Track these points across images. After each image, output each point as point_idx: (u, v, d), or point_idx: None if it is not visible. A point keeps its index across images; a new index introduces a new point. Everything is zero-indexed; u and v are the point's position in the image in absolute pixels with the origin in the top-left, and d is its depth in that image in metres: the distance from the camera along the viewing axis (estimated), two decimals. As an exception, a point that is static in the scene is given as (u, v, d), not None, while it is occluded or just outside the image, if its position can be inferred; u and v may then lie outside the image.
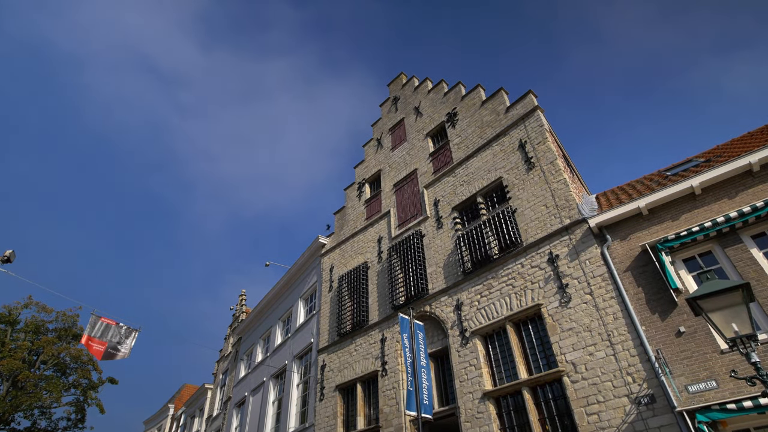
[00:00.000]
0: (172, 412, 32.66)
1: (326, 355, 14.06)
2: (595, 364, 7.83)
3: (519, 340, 9.36)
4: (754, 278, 6.98)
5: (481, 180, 12.03)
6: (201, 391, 27.27)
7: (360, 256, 14.96)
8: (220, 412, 22.55)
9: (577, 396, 7.81)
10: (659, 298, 7.70)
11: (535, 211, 10.22)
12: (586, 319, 8.30)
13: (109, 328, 13.39)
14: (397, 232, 13.90)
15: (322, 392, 13.42)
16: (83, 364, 31.83)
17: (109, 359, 13.05)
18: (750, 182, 7.82)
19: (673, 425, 6.67)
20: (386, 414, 10.96)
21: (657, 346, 7.32)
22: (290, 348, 16.96)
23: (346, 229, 16.54)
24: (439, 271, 11.76)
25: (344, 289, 14.58)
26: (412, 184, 14.55)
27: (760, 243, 7.43)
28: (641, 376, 7.26)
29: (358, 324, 13.28)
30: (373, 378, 12.14)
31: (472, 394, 9.38)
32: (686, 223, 8.03)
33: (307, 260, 18.02)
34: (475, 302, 10.37)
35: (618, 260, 8.48)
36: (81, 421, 32.04)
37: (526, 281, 9.57)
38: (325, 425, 12.68)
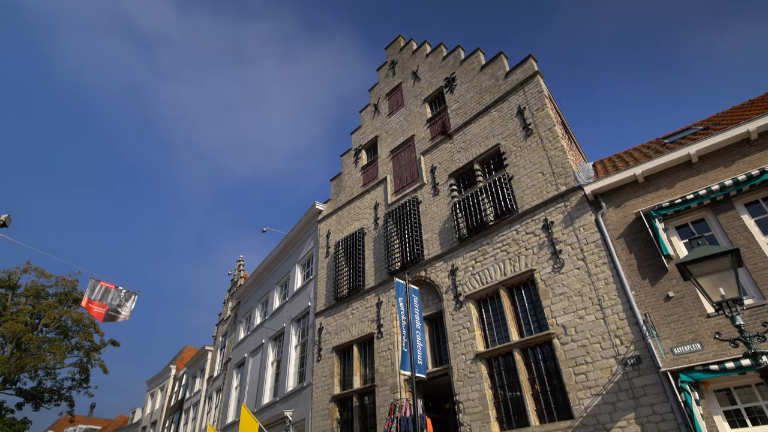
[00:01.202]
0: (174, 373, 33.59)
1: (323, 318, 14.37)
2: (584, 327, 8.06)
3: (512, 304, 9.57)
4: (744, 245, 7.09)
5: (478, 147, 11.95)
6: (201, 353, 27.97)
7: (356, 222, 15.03)
8: (221, 373, 23.23)
9: (566, 357, 8.08)
10: (650, 264, 7.84)
11: (531, 179, 10.22)
12: (577, 284, 8.47)
13: (108, 292, 13.57)
14: (393, 199, 13.91)
15: (319, 353, 13.80)
16: (85, 327, 32.44)
17: (110, 321, 13.29)
18: (747, 150, 7.81)
19: (657, 385, 6.94)
20: (381, 374, 11.33)
21: (645, 310, 7.51)
22: (288, 311, 17.30)
23: (342, 196, 16.53)
24: (434, 237, 11.86)
25: (341, 255, 14.73)
26: (409, 151, 14.44)
27: (753, 211, 7.50)
28: (629, 339, 7.49)
29: (355, 288, 13.51)
30: (369, 340, 12.47)
31: (464, 355, 9.68)
32: (681, 191, 8.07)
33: (304, 226, 18.10)
34: (469, 267, 10.53)
35: (612, 227, 8.57)
36: (85, 381, 32.99)
37: (521, 247, 9.69)
38: (323, 384, 13.12)
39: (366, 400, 11.71)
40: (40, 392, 31.07)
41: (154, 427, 32.56)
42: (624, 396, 7.19)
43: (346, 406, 12.25)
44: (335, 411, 12.32)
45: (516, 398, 8.66)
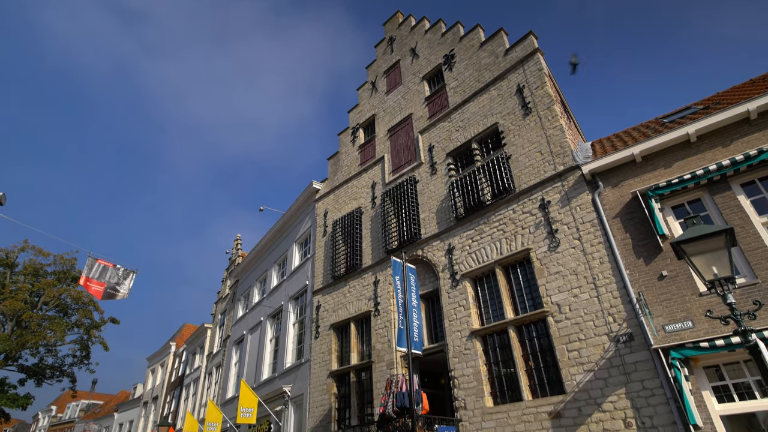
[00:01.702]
0: (174, 350, 34.04)
1: (321, 297, 14.50)
2: (578, 305, 8.17)
3: (507, 283, 9.67)
4: (738, 225, 7.14)
5: (476, 125, 11.86)
6: (200, 331, 28.30)
7: (354, 201, 15.01)
8: (220, 349, 23.56)
9: (560, 334, 8.22)
10: (645, 243, 7.90)
11: (529, 158, 10.19)
12: (573, 263, 8.55)
13: (106, 270, 13.60)
14: (391, 178, 13.87)
15: (317, 331, 13.99)
16: (84, 305, 32.68)
17: (108, 299, 13.36)
18: (746, 130, 7.77)
19: (648, 361, 7.09)
20: (378, 350, 11.52)
21: (639, 289, 7.61)
22: (286, 290, 17.44)
23: (339, 175, 16.47)
24: (432, 216, 11.88)
25: (338, 234, 14.77)
26: (407, 129, 14.32)
27: (749, 191, 7.52)
28: (622, 317, 7.61)
29: (352, 267, 13.60)
30: (366, 318, 12.63)
31: (460, 332, 9.83)
32: (679, 171, 8.07)
33: (301, 205, 18.09)
34: (466, 247, 10.59)
35: (608, 207, 8.60)
36: (86, 358, 33.43)
37: (517, 227, 9.73)
38: (320, 360, 13.34)
39: (363, 376, 11.94)
40: (42, 369, 31.50)
41: (156, 402, 33.19)
42: (615, 372, 7.35)
43: (343, 382, 12.49)
44: (333, 386, 12.57)
45: (510, 374, 8.84)
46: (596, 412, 7.32)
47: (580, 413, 7.49)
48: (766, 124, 7.59)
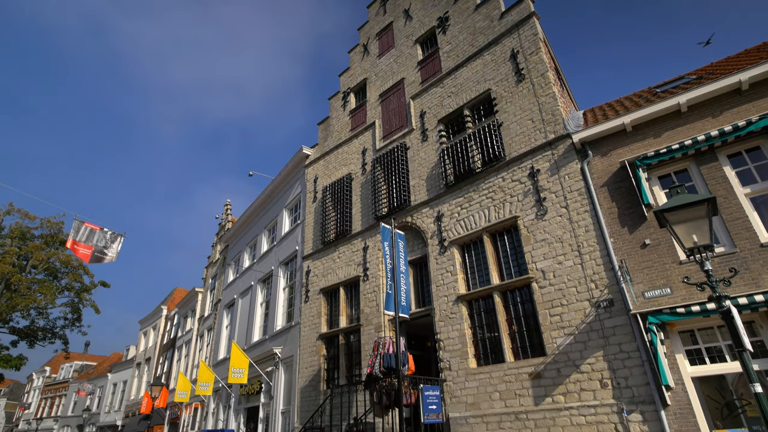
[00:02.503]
0: (165, 313, 34.39)
1: (311, 262, 14.62)
2: (562, 271, 8.35)
3: (494, 250, 9.82)
4: (722, 195, 7.25)
5: (469, 92, 11.69)
6: (192, 295, 28.54)
7: (344, 167, 14.91)
8: (211, 313, 23.86)
9: (543, 300, 8.44)
10: (631, 212, 8.01)
11: (520, 125, 10.13)
12: (559, 231, 8.67)
13: (93, 233, 13.51)
14: (381, 144, 13.75)
15: (307, 295, 14.19)
16: (74, 268, 32.62)
17: (96, 263, 13.33)
18: (737, 101, 7.76)
19: (626, 326, 7.34)
20: (367, 314, 11.76)
21: (622, 257, 7.78)
22: (276, 255, 17.54)
23: (330, 140, 16.27)
24: (421, 183, 11.88)
25: (328, 200, 14.75)
26: (399, 95, 14.08)
27: (735, 162, 7.60)
28: (604, 283, 7.81)
29: (342, 233, 13.67)
30: (355, 282, 12.81)
31: (447, 297, 10.04)
32: (667, 141, 8.09)
33: (291, 171, 17.93)
34: (455, 214, 10.66)
35: (596, 176, 8.65)
36: (78, 321, 33.69)
37: (506, 194, 9.79)
38: (310, 323, 13.60)
39: (352, 339, 12.23)
40: (34, 331, 31.75)
41: (148, 364, 33.81)
42: (595, 336, 7.62)
43: (332, 344, 12.80)
44: (322, 348, 12.87)
45: (493, 337, 9.12)
46: (574, 373, 7.63)
47: (559, 374, 7.80)
48: (756, 95, 7.58)
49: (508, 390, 8.37)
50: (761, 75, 7.45)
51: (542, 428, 7.68)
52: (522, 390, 8.17)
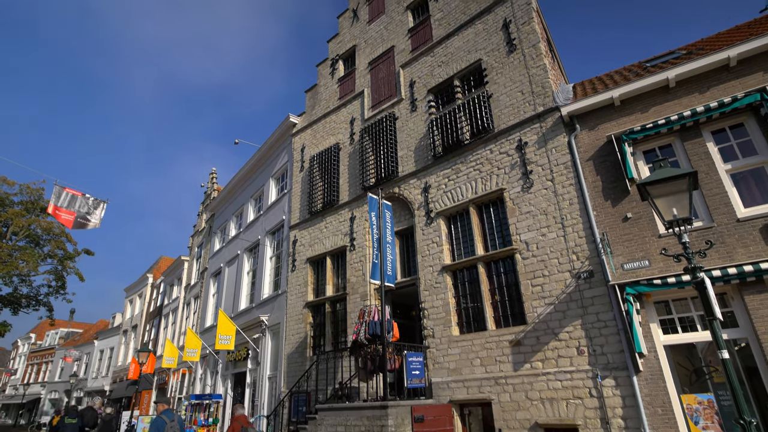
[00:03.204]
0: (151, 281, 34.33)
1: (297, 231, 14.63)
2: (545, 243, 8.52)
3: (480, 221, 9.93)
4: (703, 171, 7.38)
5: (459, 61, 11.51)
6: (177, 263, 28.46)
7: (332, 137, 14.73)
8: (198, 281, 23.89)
9: (526, 270, 8.63)
10: (614, 186, 8.13)
11: (510, 97, 10.06)
12: (544, 203, 8.79)
13: (75, 199, 13.26)
14: (370, 114, 13.57)
15: (293, 264, 14.26)
16: (56, 236, 32.10)
17: (79, 229, 13.16)
18: (724, 77, 7.80)
19: (604, 296, 7.57)
20: (353, 283, 11.90)
21: (604, 230, 7.94)
22: (263, 224, 17.48)
23: (318, 109, 15.99)
24: (410, 154, 11.83)
25: (315, 170, 14.64)
26: (388, 63, 13.81)
27: (718, 139, 7.70)
28: (585, 255, 7.99)
29: (329, 203, 13.64)
30: (342, 252, 12.90)
31: (432, 267, 10.19)
32: (654, 116, 8.15)
33: (278, 139, 17.66)
34: (442, 185, 10.69)
35: (583, 149, 8.71)
36: (62, 288, 33.40)
37: (493, 167, 9.82)
38: (297, 292, 13.73)
39: (338, 307, 12.41)
40: (17, 298, 31.43)
41: (135, 331, 33.96)
42: (574, 305, 7.85)
43: (318, 312, 12.98)
44: (308, 316, 13.06)
45: (476, 306, 9.34)
46: (553, 341, 7.90)
47: (538, 341, 8.07)
48: (744, 71, 7.62)
49: (488, 357, 8.65)
50: (750, 51, 7.47)
51: (520, 392, 8.01)
52: (502, 357, 8.45)
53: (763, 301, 6.41)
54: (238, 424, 7.55)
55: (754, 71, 7.50)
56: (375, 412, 8.11)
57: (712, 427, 6.45)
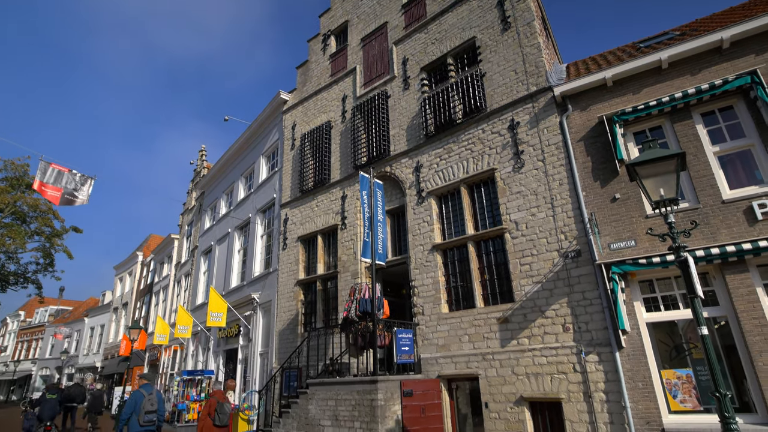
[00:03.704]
0: (141, 259, 34.19)
1: (289, 210, 14.60)
2: (535, 223, 8.62)
3: (471, 201, 9.99)
4: (692, 153, 7.46)
5: (453, 39, 11.36)
6: (167, 241, 28.32)
7: (323, 114, 14.57)
8: (188, 259, 23.84)
9: (515, 249, 8.75)
10: (604, 167, 8.20)
11: (503, 76, 10.00)
12: (534, 183, 8.85)
13: (62, 175, 13.04)
14: (362, 92, 13.41)
15: (284, 242, 14.28)
16: (43, 213, 31.64)
17: (66, 205, 12.98)
18: (716, 59, 7.80)
19: (591, 275, 7.73)
20: (344, 261, 11.98)
21: (592, 210, 8.04)
22: (253, 202, 17.40)
23: (309, 86, 15.75)
24: (402, 133, 11.77)
25: (306, 148, 14.52)
26: (381, 40, 13.58)
27: (707, 121, 7.76)
28: (573, 235, 8.11)
29: (320, 182, 13.59)
30: (333, 231, 12.93)
31: (422, 246, 10.28)
32: (646, 97, 8.16)
33: (268, 117, 17.42)
34: (434, 165, 10.69)
35: (574, 130, 8.73)
36: (50, 266, 33.12)
37: (485, 146, 9.83)
38: (288, 270, 13.79)
39: (329, 285, 12.51)
40: (5, 275, 31.13)
41: (126, 308, 33.97)
42: (561, 284, 8.01)
43: (310, 290, 13.08)
44: (300, 294, 13.15)
45: (466, 284, 9.48)
46: (539, 318, 8.08)
47: (525, 319, 8.25)
48: (736, 54, 7.63)
49: (477, 333, 8.83)
50: (742, 33, 7.47)
51: (506, 367, 8.22)
52: (490, 333, 8.64)
53: (744, 281, 6.59)
54: (214, 400, 7.74)
55: (746, 53, 7.52)
56: (365, 386, 8.29)
57: (689, 400, 6.71)
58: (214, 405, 7.56)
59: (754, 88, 7.08)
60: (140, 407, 6.83)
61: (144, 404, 6.87)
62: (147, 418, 6.79)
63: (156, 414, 6.92)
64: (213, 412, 7.42)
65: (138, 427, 6.73)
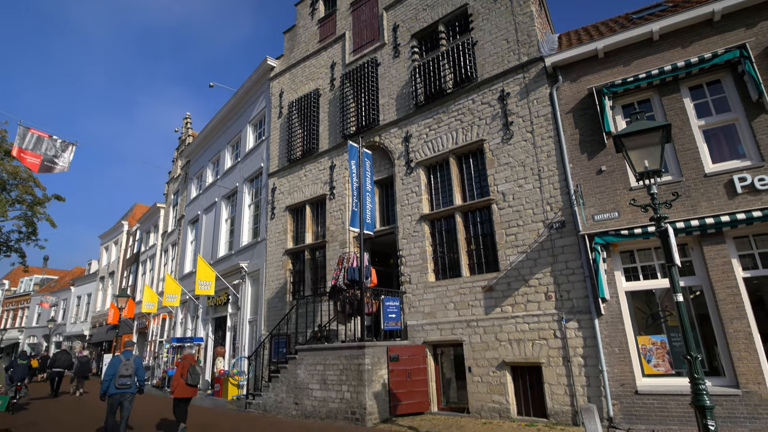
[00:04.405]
0: (127, 228, 33.82)
1: (276, 179, 14.49)
2: (522, 194, 8.72)
3: (459, 172, 10.03)
4: (678, 126, 7.54)
5: (445, 5, 11.10)
6: (153, 210, 27.98)
7: (311, 82, 14.28)
8: (175, 228, 23.67)
9: (501, 220, 8.87)
10: (592, 140, 8.26)
11: (495, 45, 9.86)
12: (522, 155, 8.89)
13: (41, 141, 12.69)
14: (351, 59, 13.13)
15: (272, 212, 14.24)
16: (23, 180, 30.82)
17: (47, 172, 12.68)
18: (707, 32, 7.78)
19: (574, 245, 7.91)
20: (332, 231, 12.03)
21: (578, 182, 8.14)
22: (240, 171, 17.20)
23: (296, 52, 15.34)
24: (391, 102, 11.63)
25: (294, 116, 14.28)
26: (371, 4, 13.20)
27: (695, 95, 7.81)
28: (558, 206, 8.24)
29: (308, 151, 13.45)
30: (322, 201, 12.91)
31: (410, 216, 10.35)
32: (636, 69, 8.16)
33: (255, 84, 17.01)
34: (423, 135, 10.64)
35: (564, 102, 8.73)
36: (33, 234, 32.56)
37: (475, 117, 9.79)
38: (276, 239, 13.82)
39: (317, 254, 12.60)
40: (-14, 243, 30.58)
41: (112, 277, 33.83)
42: (545, 254, 8.19)
43: (298, 259, 13.16)
44: (288, 263, 13.24)
45: (452, 254, 9.64)
46: (523, 287, 8.30)
47: (509, 287, 8.46)
48: (726, 27, 7.62)
49: (462, 301, 9.05)
50: (734, 6, 7.44)
51: (490, 334, 8.48)
52: (475, 301, 8.86)
53: (720, 251, 6.82)
54: (186, 362, 8.25)
55: (736, 27, 7.51)
56: (353, 351, 8.51)
57: (662, 365, 7.04)
58: (186, 367, 8.11)
59: (742, 62, 7.11)
60: (117, 371, 7.24)
61: (120, 369, 7.27)
62: (121, 381, 7.21)
63: (131, 378, 7.31)
64: (185, 373, 8.06)
65: (114, 389, 7.16)
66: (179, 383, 8.05)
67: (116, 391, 7.15)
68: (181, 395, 8.06)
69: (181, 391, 8.05)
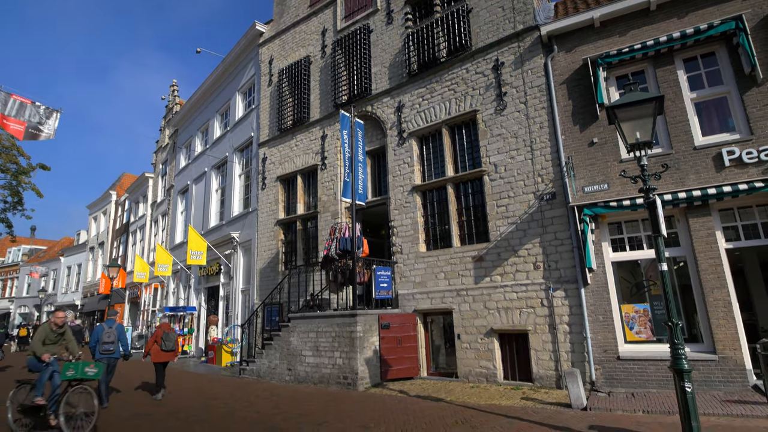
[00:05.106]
0: (115, 198, 33.42)
1: (267, 149, 14.32)
2: (513, 166, 8.74)
3: (451, 143, 9.99)
4: (670, 99, 7.53)
5: (440, -31, 10.76)
6: (141, 180, 27.61)
7: (302, 48, 13.92)
8: (165, 198, 23.45)
9: (492, 192, 8.93)
10: (584, 111, 8.24)
11: (490, 13, 9.66)
12: (515, 126, 8.87)
13: (24, 107, 12.35)
14: (343, 25, 12.78)
15: (263, 182, 14.14)
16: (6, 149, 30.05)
17: (31, 140, 12.40)
18: (704, 2, 7.67)
19: (563, 217, 8.02)
20: (324, 201, 12.02)
21: (570, 153, 8.18)
22: (230, 141, 16.95)
23: (286, 17, 14.87)
24: (384, 71, 11.42)
25: (285, 84, 13.99)
26: (364, -33, 12.73)
27: (689, 67, 7.78)
28: (549, 178, 8.30)
29: (299, 120, 13.26)
30: (313, 171, 12.83)
31: (402, 187, 10.37)
32: (632, 40, 8.06)
33: (244, 50, 16.54)
34: (416, 105, 10.53)
35: (558, 72, 8.64)
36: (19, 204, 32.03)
37: (468, 87, 9.68)
38: (268, 210, 13.79)
39: (309, 225, 12.62)
40: (-29, 213, 30.06)
41: (102, 248, 33.65)
42: (534, 225, 8.31)
43: (290, 229, 13.19)
44: (280, 233, 13.26)
45: (444, 225, 9.73)
46: (512, 257, 8.44)
47: (499, 257, 8.61)
48: (724, -4, 7.51)
49: (452, 271, 9.20)
50: (733, -26, 7.31)
51: (479, 302, 8.68)
52: (465, 271, 9.01)
53: (705, 223, 6.97)
54: (160, 330, 8.90)
55: (733, -3, 7.41)
56: (345, 319, 8.68)
57: (644, 332, 7.30)
58: (160, 334, 8.82)
59: (738, 34, 7.06)
60: (100, 338, 7.80)
61: (102, 336, 7.82)
62: (104, 348, 7.80)
63: (113, 344, 7.88)
64: (159, 339, 8.75)
65: (99, 354, 7.75)
66: (154, 348, 8.75)
67: (101, 356, 7.72)
68: (157, 360, 8.70)
69: (157, 356, 8.70)
